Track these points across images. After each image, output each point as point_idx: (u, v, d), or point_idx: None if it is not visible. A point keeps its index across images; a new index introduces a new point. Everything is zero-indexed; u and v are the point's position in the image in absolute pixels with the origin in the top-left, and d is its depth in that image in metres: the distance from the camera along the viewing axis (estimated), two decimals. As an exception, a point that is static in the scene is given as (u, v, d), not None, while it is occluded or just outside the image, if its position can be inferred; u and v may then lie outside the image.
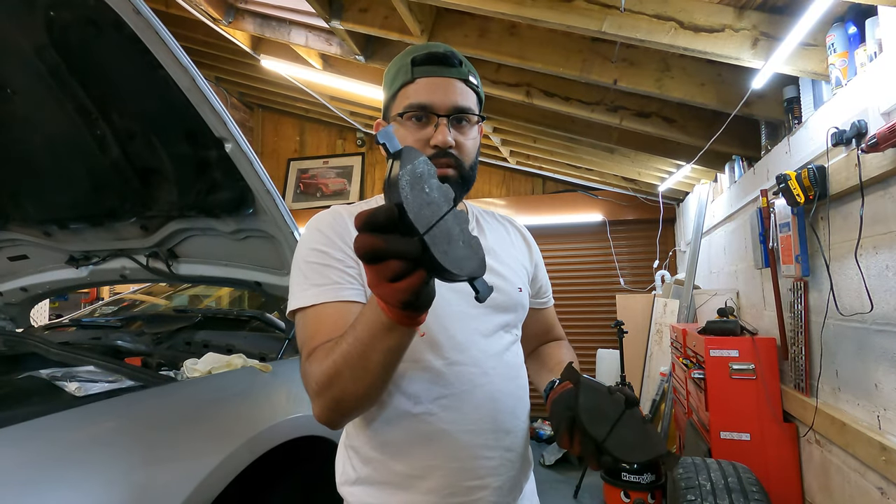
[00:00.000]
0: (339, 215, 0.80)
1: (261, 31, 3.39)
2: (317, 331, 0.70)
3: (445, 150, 0.78)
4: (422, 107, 0.78)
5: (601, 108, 2.92)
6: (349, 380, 0.62)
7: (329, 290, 0.72)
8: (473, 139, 0.83)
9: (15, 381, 1.22)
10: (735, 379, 2.28)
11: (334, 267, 0.74)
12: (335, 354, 0.62)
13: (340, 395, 0.63)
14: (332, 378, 0.62)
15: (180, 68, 1.11)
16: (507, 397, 0.81)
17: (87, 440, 0.85)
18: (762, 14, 1.87)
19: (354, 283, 0.74)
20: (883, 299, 1.49)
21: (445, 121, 0.78)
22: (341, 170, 6.15)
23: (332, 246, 0.76)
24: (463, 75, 0.82)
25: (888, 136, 1.25)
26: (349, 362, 0.61)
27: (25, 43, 1.22)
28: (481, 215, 0.95)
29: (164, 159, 1.46)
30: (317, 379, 0.64)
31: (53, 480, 0.76)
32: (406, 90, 0.80)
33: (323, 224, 0.79)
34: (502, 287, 0.83)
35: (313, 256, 0.75)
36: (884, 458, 1.45)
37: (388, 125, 0.75)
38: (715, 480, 1.70)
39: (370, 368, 0.61)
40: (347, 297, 0.72)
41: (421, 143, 0.79)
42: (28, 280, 2.08)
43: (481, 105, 0.86)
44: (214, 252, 1.73)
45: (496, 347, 0.82)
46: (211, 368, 1.24)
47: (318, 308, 0.72)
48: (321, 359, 0.65)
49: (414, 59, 0.81)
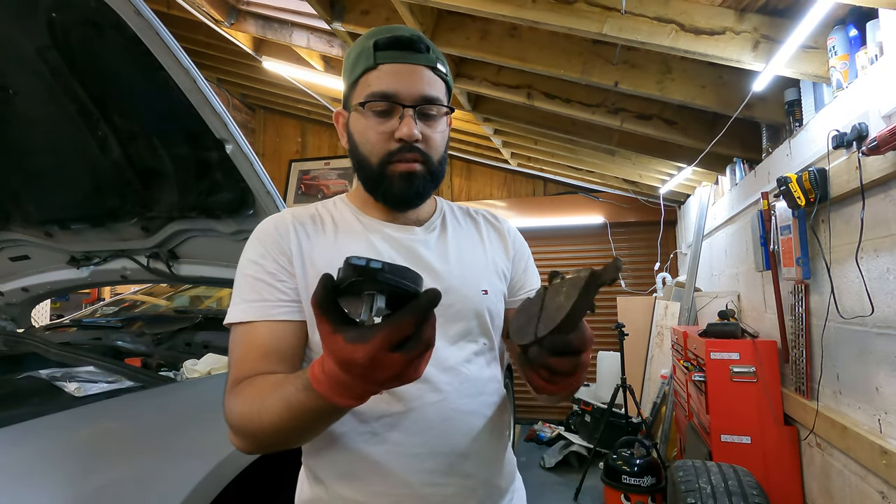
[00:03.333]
0: (283, 221, 0.76)
1: (262, 32, 3.40)
2: (244, 355, 0.67)
3: (411, 145, 0.72)
4: (385, 96, 0.71)
5: (602, 110, 2.93)
6: (275, 439, 0.60)
7: (258, 306, 0.69)
8: (442, 132, 0.76)
9: (14, 381, 1.22)
10: (736, 382, 2.28)
11: (265, 281, 0.70)
12: (260, 413, 0.59)
13: (264, 444, 0.62)
14: (257, 433, 0.60)
15: (181, 69, 1.11)
16: (466, 416, 0.72)
17: (85, 441, 0.85)
18: (763, 17, 1.87)
19: (284, 300, 0.70)
20: (884, 302, 1.48)
21: (411, 112, 0.71)
22: (343, 171, 6.16)
23: (266, 257, 0.72)
24: (431, 62, 0.74)
25: (889, 139, 1.25)
26: (277, 429, 0.58)
27: (27, 44, 1.22)
28: (451, 212, 0.87)
29: (165, 160, 1.47)
30: (237, 421, 0.62)
31: (50, 481, 0.76)
32: (367, 77, 0.73)
33: (262, 232, 0.75)
34: (457, 291, 0.75)
35: (248, 268, 0.72)
36: (885, 462, 1.45)
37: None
38: (715, 483, 1.70)
39: (303, 435, 0.62)
40: (276, 315, 0.69)
41: (384, 136, 0.72)
42: (29, 280, 2.09)
43: (450, 95, 0.78)
44: (215, 253, 1.73)
45: (453, 360, 0.73)
46: (211, 369, 1.24)
47: (248, 327, 0.69)
48: (243, 401, 0.62)
49: (376, 44, 0.72)
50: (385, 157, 0.73)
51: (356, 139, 0.76)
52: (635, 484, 2.76)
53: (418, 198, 0.77)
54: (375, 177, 0.74)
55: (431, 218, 0.83)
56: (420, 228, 0.80)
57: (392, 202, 0.77)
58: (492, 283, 0.80)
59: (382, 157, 0.73)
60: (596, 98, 2.91)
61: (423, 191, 0.75)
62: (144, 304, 2.69)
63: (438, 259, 0.78)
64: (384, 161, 0.73)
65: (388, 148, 0.73)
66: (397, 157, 0.72)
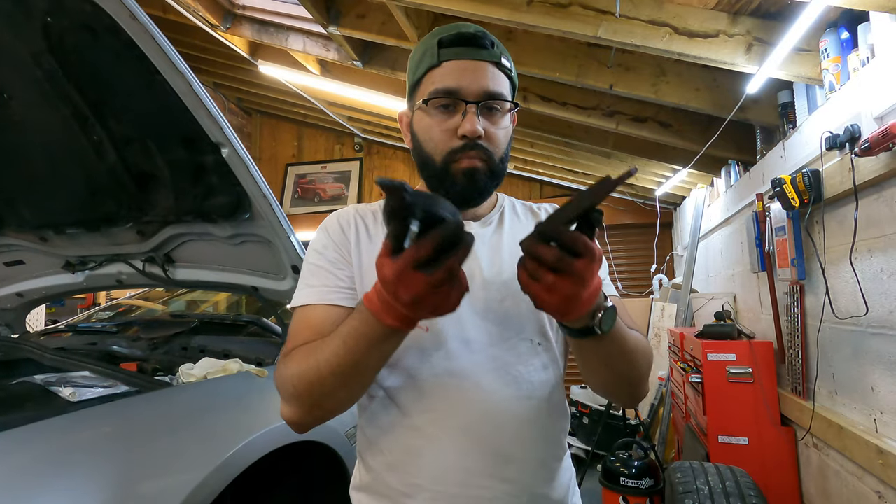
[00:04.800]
0: (347, 214, 0.80)
1: (259, 36, 3.40)
2: (299, 332, 0.71)
3: (474, 142, 0.72)
4: (448, 92, 0.72)
5: (598, 112, 2.94)
6: (332, 386, 0.62)
7: (317, 291, 0.73)
8: (505, 129, 0.75)
9: (9, 386, 1.21)
10: (732, 383, 2.28)
11: (325, 269, 0.74)
12: (319, 360, 0.62)
13: (320, 399, 0.64)
14: (314, 383, 0.63)
15: (177, 74, 1.11)
16: (512, 418, 0.70)
17: (80, 446, 0.85)
18: (756, 20, 1.89)
19: (341, 287, 0.74)
20: (878, 302, 1.49)
21: (474, 108, 0.71)
22: (339, 175, 6.16)
23: (329, 248, 0.76)
24: (495, 58, 0.74)
25: (881, 141, 1.26)
26: (335, 370, 0.61)
27: (23, 49, 1.22)
28: (511, 208, 0.86)
29: (161, 164, 1.47)
30: (294, 382, 0.64)
31: (46, 486, 0.75)
32: (432, 75, 0.74)
33: (328, 224, 0.79)
34: (507, 286, 0.74)
35: (313, 257, 0.76)
36: (881, 462, 1.45)
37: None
38: (713, 484, 1.70)
39: (362, 374, 0.62)
40: (333, 300, 0.72)
41: (448, 132, 0.73)
42: (24, 285, 2.08)
43: (515, 91, 0.79)
44: (211, 257, 1.73)
45: (503, 358, 0.72)
46: (207, 373, 1.24)
47: (307, 309, 0.73)
48: (298, 361, 0.65)
49: (441, 41, 0.74)
50: (448, 154, 0.73)
51: (420, 137, 0.76)
52: (633, 486, 2.75)
53: (480, 196, 0.77)
54: (439, 174, 0.75)
55: (489, 214, 0.83)
56: (476, 223, 0.80)
57: (454, 200, 0.76)
58: None
59: (445, 155, 0.73)
60: (591, 101, 2.93)
61: (484, 189, 0.76)
62: (140, 308, 2.68)
63: (490, 253, 0.77)
64: (447, 159, 0.73)
65: (452, 145, 0.73)
66: (460, 155, 0.73)
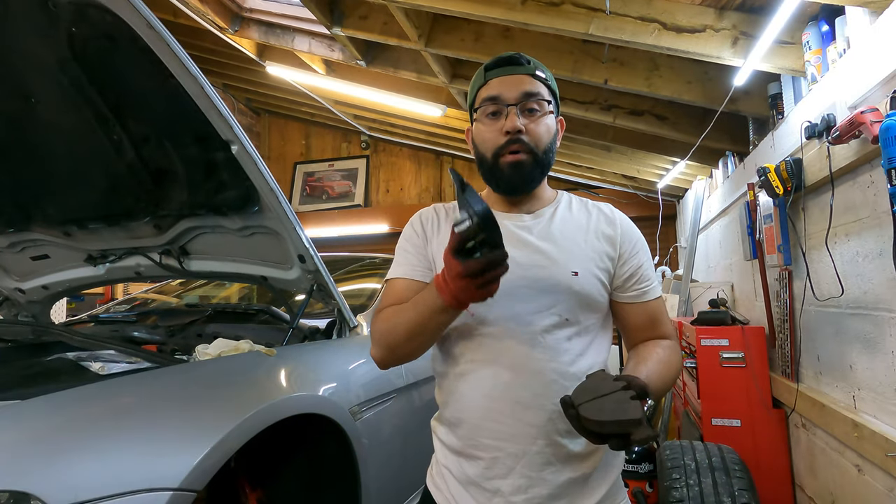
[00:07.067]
0: (428, 211, 1.00)
1: (266, 38, 3.51)
2: (387, 297, 0.94)
3: (517, 137, 0.87)
4: (492, 98, 0.89)
5: (595, 107, 3.01)
6: (404, 338, 0.84)
7: (402, 268, 0.95)
8: (546, 125, 0.90)
9: (45, 362, 1.33)
10: (725, 367, 2.35)
11: (409, 252, 0.96)
12: (398, 319, 0.84)
13: (395, 347, 0.86)
14: (392, 334, 0.85)
15: (189, 77, 1.21)
16: (534, 373, 0.84)
17: (110, 411, 0.96)
18: (741, 14, 1.95)
19: (419, 266, 0.95)
20: (854, 284, 1.56)
21: (515, 109, 0.88)
22: (346, 172, 6.26)
23: (415, 236, 0.97)
24: (530, 71, 0.91)
25: (848, 129, 1.33)
26: (406, 327, 0.83)
27: (49, 56, 1.33)
28: (567, 204, 0.97)
29: (176, 161, 1.57)
30: (380, 332, 0.87)
31: (81, 445, 0.86)
32: (480, 92, 0.92)
33: (416, 218, 1.00)
34: (547, 269, 0.87)
35: (402, 244, 0.98)
36: (856, 435, 1.52)
37: None
38: (700, 460, 1.77)
39: (424, 333, 0.83)
40: (414, 276, 0.94)
41: (495, 132, 0.89)
42: (49, 278, 2.20)
43: (556, 98, 0.94)
44: (223, 248, 1.83)
45: (534, 325, 0.86)
46: (221, 352, 1.34)
47: (395, 281, 0.95)
48: (385, 318, 0.88)
49: (486, 66, 0.94)
50: (496, 151, 0.90)
51: (476, 142, 0.94)
52: (633, 470, 2.82)
53: (526, 184, 0.92)
54: (490, 168, 0.91)
55: (544, 208, 0.96)
56: (529, 216, 0.94)
57: (504, 189, 0.94)
58: (585, 267, 0.89)
59: (494, 151, 0.90)
60: (588, 95, 2.99)
61: (530, 178, 0.91)
62: (155, 302, 2.81)
63: (537, 240, 0.91)
64: (496, 154, 0.90)
65: (498, 143, 0.89)
66: (506, 150, 0.89)
